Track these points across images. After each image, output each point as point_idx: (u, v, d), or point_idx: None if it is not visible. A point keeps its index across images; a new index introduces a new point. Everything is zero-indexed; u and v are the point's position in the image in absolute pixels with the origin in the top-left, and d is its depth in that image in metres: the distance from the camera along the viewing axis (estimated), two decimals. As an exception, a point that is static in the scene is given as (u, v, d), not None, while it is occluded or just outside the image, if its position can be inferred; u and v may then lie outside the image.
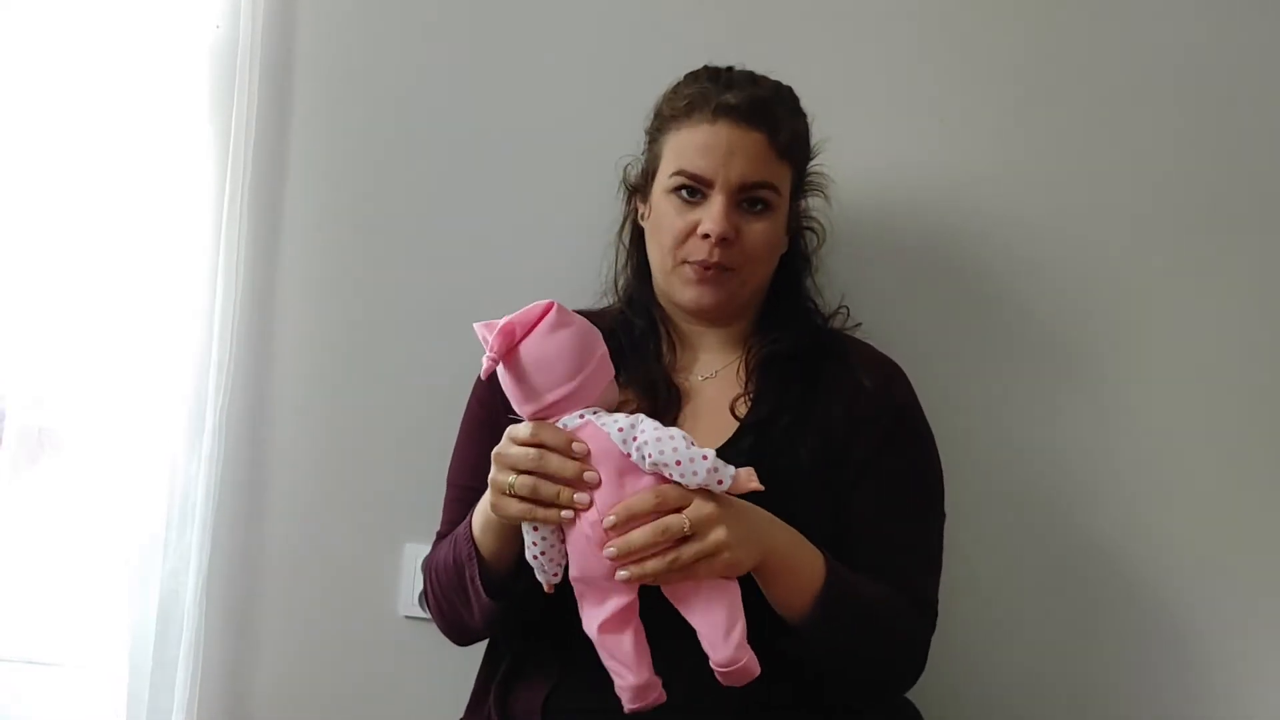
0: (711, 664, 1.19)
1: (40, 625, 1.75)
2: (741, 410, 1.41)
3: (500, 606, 1.34)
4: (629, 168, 1.54)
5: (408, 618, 1.68)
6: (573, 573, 1.22)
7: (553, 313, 1.21)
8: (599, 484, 1.19)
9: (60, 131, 1.72)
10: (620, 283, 1.55)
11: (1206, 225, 1.67)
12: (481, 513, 1.31)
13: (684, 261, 1.40)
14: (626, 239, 1.54)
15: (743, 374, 1.44)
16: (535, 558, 1.25)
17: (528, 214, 1.72)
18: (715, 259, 1.38)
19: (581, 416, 1.21)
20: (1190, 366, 1.66)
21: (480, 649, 1.47)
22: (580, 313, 1.53)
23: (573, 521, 1.19)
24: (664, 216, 1.42)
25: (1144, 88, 1.68)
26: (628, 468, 1.19)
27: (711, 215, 1.37)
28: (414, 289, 1.72)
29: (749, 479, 1.19)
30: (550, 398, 1.20)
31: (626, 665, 1.20)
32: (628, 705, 1.21)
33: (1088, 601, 1.65)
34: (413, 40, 1.75)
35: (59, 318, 1.74)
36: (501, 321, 1.20)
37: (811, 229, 1.55)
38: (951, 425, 1.51)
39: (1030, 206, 1.68)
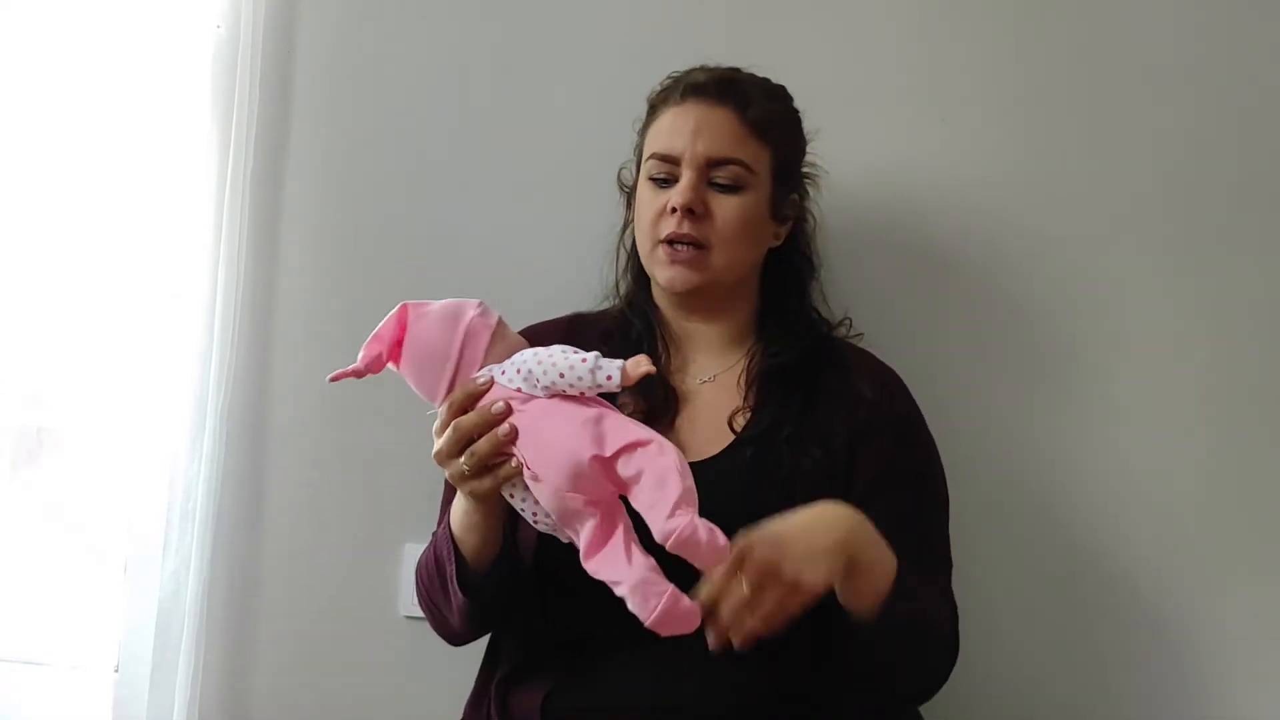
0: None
1: (39, 625, 1.75)
2: (740, 423, 1.40)
3: (475, 605, 1.34)
4: (624, 171, 1.56)
5: (408, 618, 1.68)
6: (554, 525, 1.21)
7: (406, 312, 1.25)
8: (507, 411, 1.18)
9: (62, 131, 1.73)
10: (621, 287, 1.56)
11: (1209, 226, 1.66)
12: (461, 512, 1.31)
13: (659, 242, 1.41)
14: (627, 243, 1.55)
15: (743, 384, 1.44)
16: (537, 522, 1.23)
17: (529, 215, 1.72)
18: (684, 230, 1.39)
19: (476, 380, 1.22)
20: (1193, 367, 1.65)
21: (480, 649, 1.47)
22: (580, 315, 1.55)
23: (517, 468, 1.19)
24: (641, 203, 1.44)
25: (1146, 87, 1.67)
26: (516, 403, 1.19)
27: (678, 189, 1.39)
28: (414, 288, 1.69)
29: (635, 367, 1.16)
30: (445, 381, 1.23)
31: (619, 573, 1.14)
32: (645, 617, 1.11)
33: (1089, 606, 1.64)
34: (413, 40, 1.75)
35: (59, 316, 1.75)
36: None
37: (793, 217, 1.53)
38: (951, 428, 1.51)
39: (1031, 207, 1.68)
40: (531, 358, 1.20)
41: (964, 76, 1.69)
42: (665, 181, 1.41)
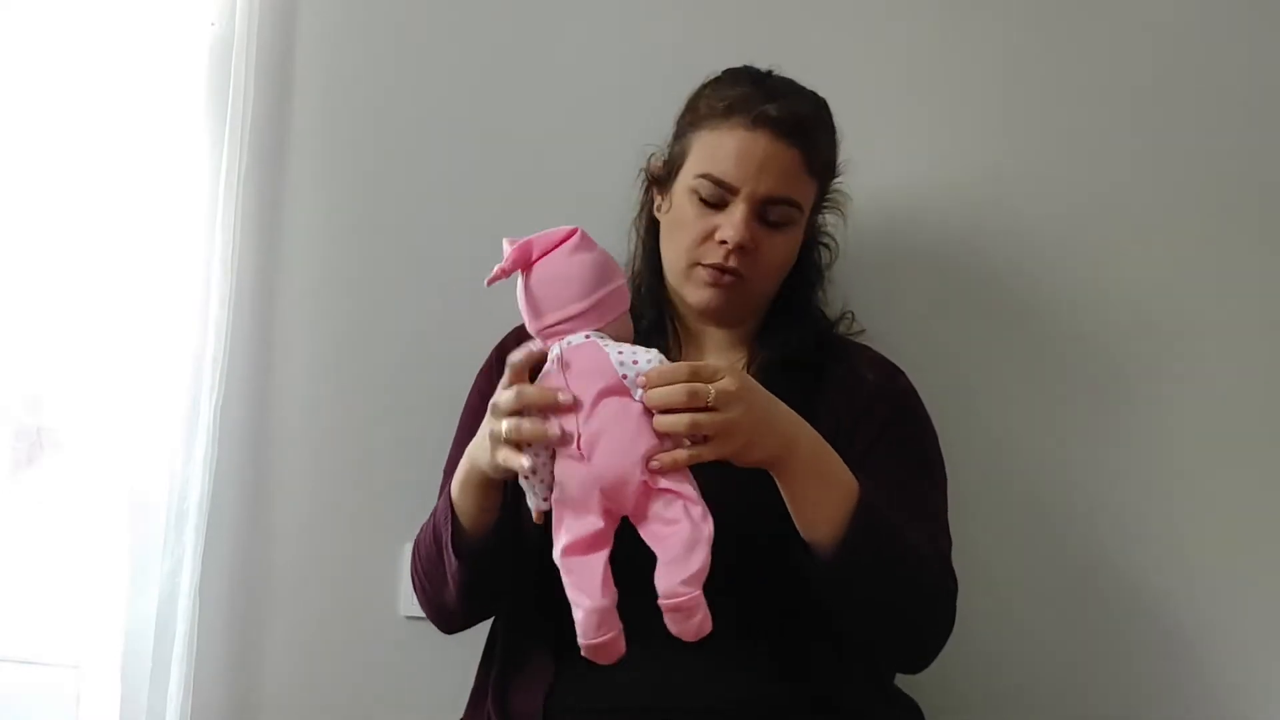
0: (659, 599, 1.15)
1: (39, 625, 1.75)
2: None
3: (468, 570, 1.33)
4: (654, 157, 1.52)
5: (408, 618, 1.67)
6: (555, 495, 1.20)
7: (577, 235, 1.23)
8: (574, 405, 1.17)
9: (57, 130, 1.71)
10: (632, 270, 1.53)
11: (1221, 229, 1.67)
12: (463, 471, 1.30)
13: (698, 264, 1.40)
14: (641, 228, 1.54)
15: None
16: (526, 478, 1.21)
17: (529, 210, 1.69)
18: (731, 264, 1.38)
19: (587, 336, 1.21)
20: (1201, 369, 1.65)
21: (480, 647, 1.47)
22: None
23: (561, 440, 1.17)
24: (684, 217, 1.42)
25: (1157, 88, 1.68)
26: (614, 389, 1.17)
27: (733, 222, 1.37)
28: (413, 286, 1.71)
29: None
30: (560, 314, 1.21)
31: (589, 590, 1.16)
32: (585, 639, 1.16)
33: (1096, 607, 1.65)
34: (411, 35, 1.74)
35: (56, 316, 1.74)
36: (523, 239, 1.22)
37: (825, 245, 1.55)
38: (955, 426, 1.51)
39: (1034, 206, 1.69)
40: (657, 360, 1.19)
41: (969, 76, 1.70)
42: (714, 205, 1.39)
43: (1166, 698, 1.63)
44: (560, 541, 1.18)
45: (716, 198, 1.39)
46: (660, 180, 1.49)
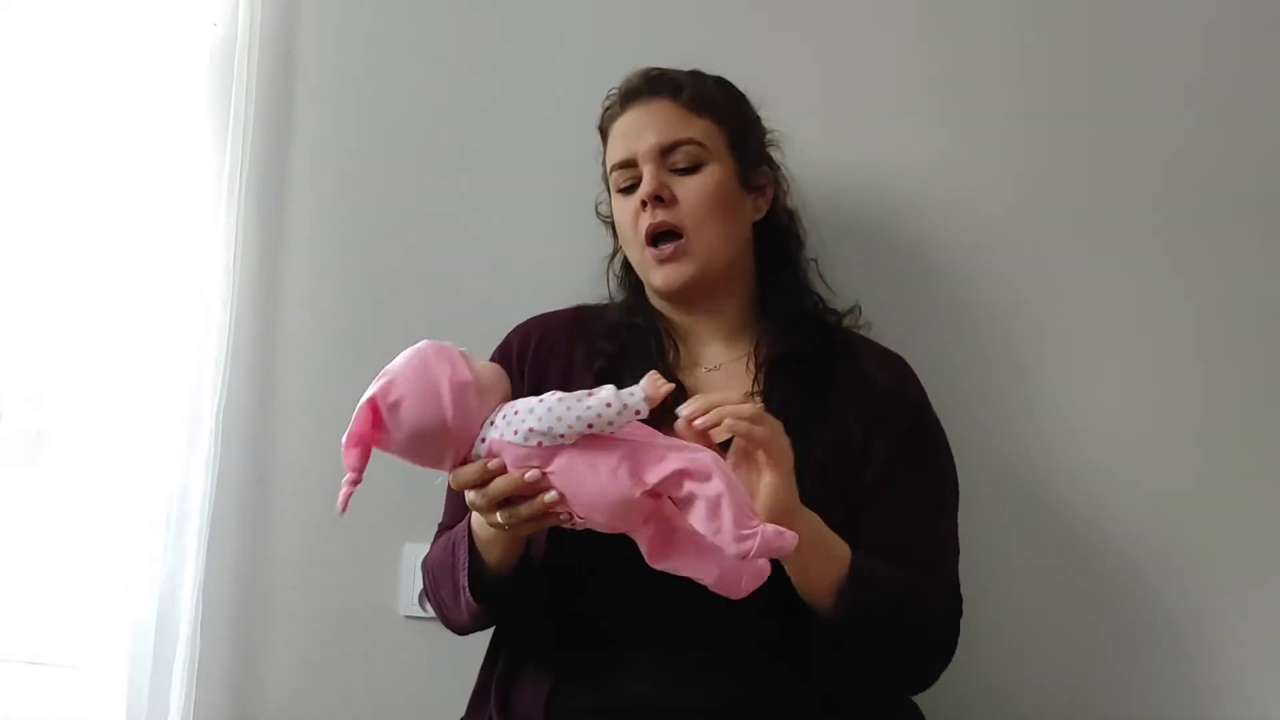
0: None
1: (40, 625, 1.75)
2: None
3: (488, 610, 1.35)
4: (600, 205, 1.58)
5: (408, 618, 1.68)
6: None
7: (378, 396, 1.16)
8: (543, 480, 1.14)
9: (59, 131, 1.72)
10: (619, 300, 1.56)
11: (1201, 218, 1.66)
12: (483, 532, 1.29)
13: (645, 246, 1.43)
14: (618, 267, 1.57)
15: (751, 368, 1.44)
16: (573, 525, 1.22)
17: (531, 210, 1.72)
18: (658, 219, 1.41)
19: (484, 440, 1.17)
20: (1186, 364, 1.65)
21: (482, 647, 1.47)
22: (584, 306, 1.55)
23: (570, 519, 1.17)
24: (619, 215, 1.48)
25: (1133, 86, 1.68)
26: (549, 455, 1.14)
27: (643, 184, 1.42)
28: (414, 286, 1.71)
29: (655, 390, 1.12)
30: (454, 453, 1.18)
31: (701, 572, 1.16)
32: (746, 591, 1.15)
33: (1087, 596, 1.64)
34: (412, 35, 1.74)
35: (57, 316, 1.74)
36: (344, 438, 1.17)
37: (789, 208, 1.54)
38: (947, 422, 1.50)
39: (1024, 203, 1.68)
40: (547, 414, 1.13)
41: (959, 76, 1.69)
42: (632, 188, 1.44)
43: (1168, 697, 1.63)
44: (646, 558, 1.17)
45: (629, 179, 1.45)
46: (608, 215, 1.54)
